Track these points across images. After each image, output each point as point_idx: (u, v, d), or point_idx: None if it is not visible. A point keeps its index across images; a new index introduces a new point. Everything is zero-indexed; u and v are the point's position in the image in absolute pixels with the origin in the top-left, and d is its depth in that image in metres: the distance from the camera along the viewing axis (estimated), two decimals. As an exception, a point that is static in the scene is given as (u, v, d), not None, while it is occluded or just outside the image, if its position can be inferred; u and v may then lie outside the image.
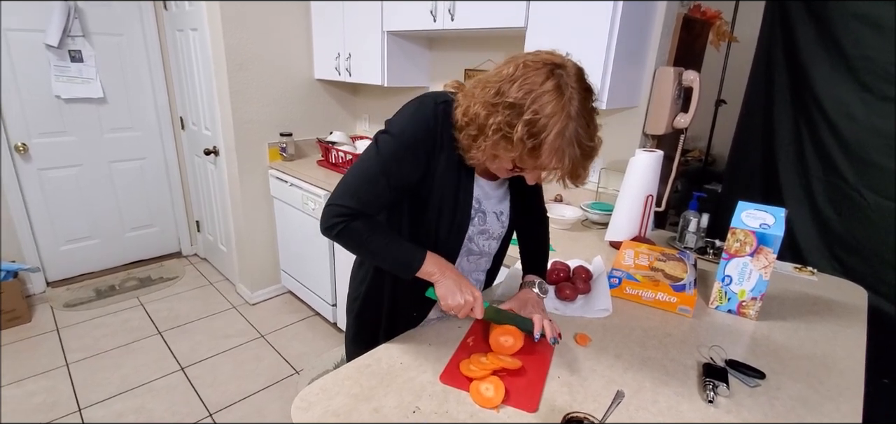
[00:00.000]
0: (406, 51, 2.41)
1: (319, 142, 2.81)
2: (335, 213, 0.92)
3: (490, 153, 0.84)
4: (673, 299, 1.20)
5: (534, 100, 0.77)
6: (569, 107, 0.77)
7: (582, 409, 0.82)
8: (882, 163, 1.49)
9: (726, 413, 0.86)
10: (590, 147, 0.81)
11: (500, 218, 1.07)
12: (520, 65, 0.80)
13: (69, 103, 2.94)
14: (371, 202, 0.93)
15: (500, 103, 0.79)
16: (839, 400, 0.91)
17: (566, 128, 0.77)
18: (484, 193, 1.02)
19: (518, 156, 0.81)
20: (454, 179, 0.96)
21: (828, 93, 1.60)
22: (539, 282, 1.12)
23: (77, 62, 2.91)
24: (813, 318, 1.21)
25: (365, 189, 0.92)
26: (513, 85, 0.79)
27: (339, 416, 0.80)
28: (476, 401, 0.85)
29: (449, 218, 0.98)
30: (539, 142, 0.78)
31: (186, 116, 3.26)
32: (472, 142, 0.86)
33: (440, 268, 0.96)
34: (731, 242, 1.18)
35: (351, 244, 0.95)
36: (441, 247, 1.01)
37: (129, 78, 3.12)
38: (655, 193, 1.60)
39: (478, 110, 0.83)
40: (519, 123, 0.77)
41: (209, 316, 2.89)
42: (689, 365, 0.99)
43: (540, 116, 0.76)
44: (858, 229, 1.57)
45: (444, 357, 0.97)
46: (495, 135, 0.80)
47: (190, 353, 2.52)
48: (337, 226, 0.92)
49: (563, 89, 0.77)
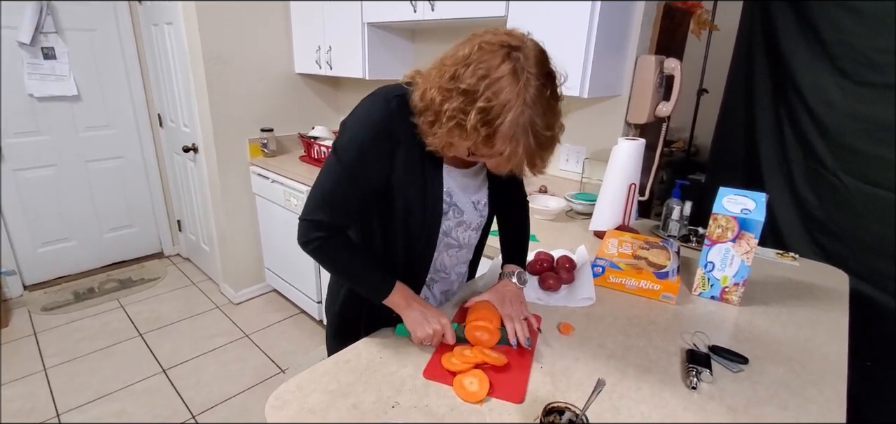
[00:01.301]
0: (387, 43, 2.38)
1: (301, 137, 2.76)
2: (312, 229, 0.91)
3: (445, 140, 0.81)
4: (656, 287, 1.19)
5: (488, 85, 0.73)
6: (524, 94, 0.73)
7: (564, 398, 0.81)
8: (859, 148, 1.50)
9: (709, 399, 0.85)
10: (547, 137, 0.78)
11: (478, 207, 1.04)
12: (476, 46, 0.76)
13: (43, 102, 2.85)
14: (342, 210, 0.91)
15: (455, 89, 0.76)
16: (822, 384, 0.91)
17: (521, 117, 0.73)
18: (458, 184, 0.99)
19: (472, 144, 0.78)
20: (419, 175, 0.92)
21: (807, 80, 1.60)
22: (518, 273, 1.10)
23: (50, 59, 2.83)
24: (795, 303, 1.21)
25: (334, 197, 0.90)
26: (468, 69, 0.75)
27: (315, 413, 0.78)
28: (460, 396, 0.83)
29: (420, 215, 0.95)
30: (493, 131, 0.74)
31: (164, 113, 3.18)
32: (428, 128, 0.83)
33: (406, 300, 0.94)
34: (712, 228, 1.17)
35: (325, 263, 0.95)
36: (416, 246, 0.98)
37: (104, 75, 3.03)
38: (638, 182, 1.60)
39: (433, 95, 0.79)
40: (472, 111, 0.74)
41: (192, 316, 2.84)
42: (672, 352, 0.98)
43: (494, 104, 0.73)
44: (838, 214, 1.58)
45: (426, 351, 0.95)
46: (450, 123, 0.77)
47: (172, 355, 2.47)
48: (313, 243, 0.92)
49: (518, 74, 0.73)
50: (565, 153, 2.05)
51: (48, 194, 3.00)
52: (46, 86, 2.83)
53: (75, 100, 2.97)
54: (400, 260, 1.00)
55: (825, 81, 1.55)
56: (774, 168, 1.75)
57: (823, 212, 1.62)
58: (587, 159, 1.96)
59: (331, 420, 0.77)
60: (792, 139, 1.68)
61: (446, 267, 1.10)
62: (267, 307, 2.96)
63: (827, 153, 1.57)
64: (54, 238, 3.10)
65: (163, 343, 2.57)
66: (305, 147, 2.75)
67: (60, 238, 3.12)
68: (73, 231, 3.17)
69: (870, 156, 1.48)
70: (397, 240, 0.97)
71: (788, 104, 1.68)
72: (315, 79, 2.97)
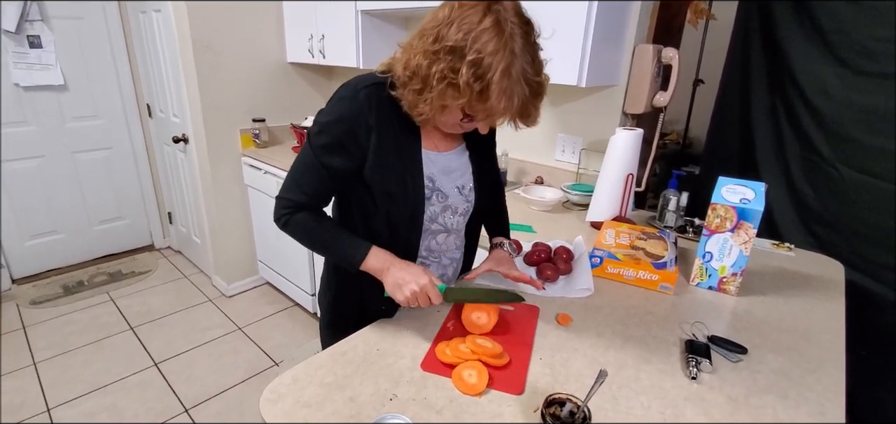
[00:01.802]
0: (381, 31, 2.34)
1: (294, 127, 2.73)
2: (282, 205, 0.94)
3: (438, 104, 0.81)
4: (654, 277, 1.18)
5: (474, 39, 0.74)
6: (512, 44, 0.74)
7: (563, 389, 0.80)
8: (857, 138, 1.50)
9: (710, 390, 0.84)
10: (537, 83, 0.79)
11: (463, 192, 1.03)
12: (455, 6, 0.77)
13: (29, 91, 2.79)
14: (315, 192, 0.93)
15: (441, 49, 0.76)
16: (820, 373, 0.90)
17: (512, 66, 0.75)
18: (439, 169, 0.98)
19: (467, 103, 0.79)
20: (396, 162, 0.92)
21: (804, 69, 1.60)
22: (507, 243, 1.16)
23: (36, 48, 2.76)
24: (792, 293, 1.21)
25: (306, 179, 0.92)
26: (450, 28, 0.76)
27: (311, 407, 0.76)
28: (459, 388, 0.81)
29: (401, 202, 0.94)
30: (486, 84, 0.75)
31: (153, 103, 3.13)
32: (417, 97, 0.82)
33: (383, 263, 0.92)
34: (711, 218, 1.17)
35: (297, 235, 0.96)
36: (398, 233, 0.97)
37: (92, 64, 2.97)
38: (635, 172, 1.59)
39: (419, 61, 0.79)
40: (462, 66, 0.74)
41: (184, 309, 2.80)
42: (671, 342, 0.98)
43: (483, 55, 0.73)
44: (834, 204, 1.58)
45: (424, 342, 0.94)
46: (441, 84, 0.77)
47: (164, 348, 2.44)
48: (284, 217, 0.94)
49: (502, 25, 0.74)
50: (561, 144, 2.03)
51: (35, 186, 2.94)
52: (32, 75, 2.77)
53: (62, 89, 2.90)
54: (385, 246, 0.98)
55: (822, 71, 1.54)
56: (770, 158, 1.74)
57: (819, 203, 1.62)
58: (584, 150, 1.94)
59: (327, 413, 0.75)
60: (788, 129, 1.68)
61: (437, 251, 1.08)
62: (260, 300, 2.93)
63: (824, 143, 1.57)
64: (42, 230, 3.04)
65: (154, 336, 2.54)
66: (298, 137, 2.71)
67: (48, 230, 3.07)
68: (61, 223, 3.11)
69: (867, 146, 1.48)
70: (381, 230, 0.97)
71: (785, 94, 1.67)
72: (308, 68, 2.93)
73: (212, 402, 2.10)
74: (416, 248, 1.02)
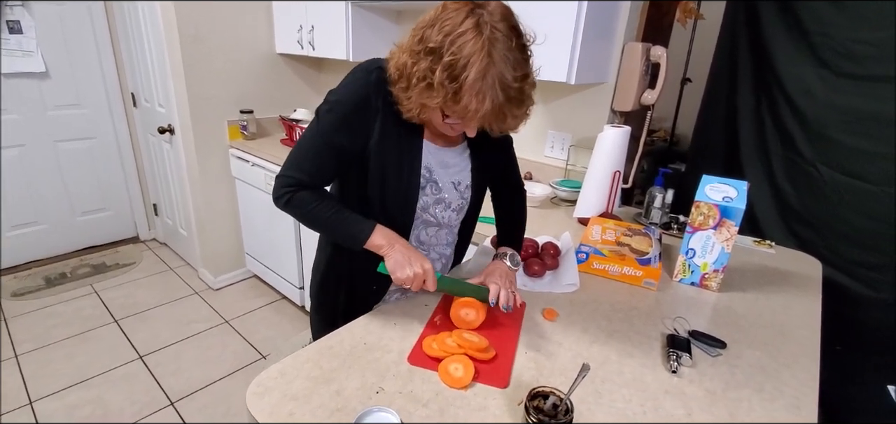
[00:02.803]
0: (372, 24, 2.33)
1: (282, 119, 2.70)
2: (283, 184, 0.93)
3: (418, 102, 0.82)
4: (638, 273, 1.20)
5: (452, 41, 0.75)
6: (488, 47, 0.74)
7: (548, 383, 0.81)
8: (837, 139, 1.53)
9: (689, 383, 0.87)
10: (516, 89, 0.78)
11: (459, 188, 1.03)
12: (441, 7, 0.78)
13: (8, 78, 2.72)
14: (316, 172, 0.93)
15: (422, 49, 0.78)
16: (796, 367, 0.93)
17: (488, 70, 0.74)
18: (438, 161, 0.99)
19: (442, 102, 0.79)
20: (396, 147, 0.93)
21: (788, 70, 1.63)
22: (511, 254, 1.10)
23: (16, 34, 2.69)
24: (771, 289, 1.24)
25: (309, 159, 0.93)
26: (433, 28, 0.77)
27: (298, 400, 0.77)
28: (445, 382, 0.82)
29: (394, 187, 0.96)
30: (459, 85, 0.75)
31: (138, 92, 3.07)
32: (402, 95, 0.84)
33: (389, 241, 0.94)
34: (694, 215, 1.19)
35: (299, 214, 0.96)
36: (391, 217, 0.98)
37: (74, 51, 2.90)
38: (623, 169, 1.61)
39: (405, 59, 0.81)
40: (438, 68, 0.75)
41: (170, 302, 2.78)
42: (653, 337, 1.00)
43: (458, 57, 0.74)
44: (814, 203, 1.62)
45: (411, 336, 0.95)
46: (420, 84, 0.79)
47: (150, 341, 2.41)
48: (285, 196, 0.93)
49: (482, 28, 0.74)
50: (550, 140, 2.05)
51: (16, 175, 2.88)
52: (12, 62, 2.70)
53: (43, 76, 2.84)
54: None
55: (806, 72, 1.57)
56: (754, 157, 1.78)
57: (799, 202, 1.65)
58: (572, 146, 1.96)
59: (313, 406, 0.76)
60: (772, 129, 1.71)
61: (424, 245, 1.09)
62: (247, 293, 2.92)
63: (805, 143, 1.60)
64: (24, 221, 2.98)
65: (139, 329, 2.51)
66: (287, 130, 2.69)
67: (30, 221, 3.01)
68: (43, 214, 3.05)
69: (847, 147, 1.51)
70: (374, 211, 0.98)
71: (769, 94, 1.70)
72: (297, 59, 2.90)
73: (198, 395, 2.08)
74: (407, 235, 1.03)
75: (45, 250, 3.12)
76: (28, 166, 2.91)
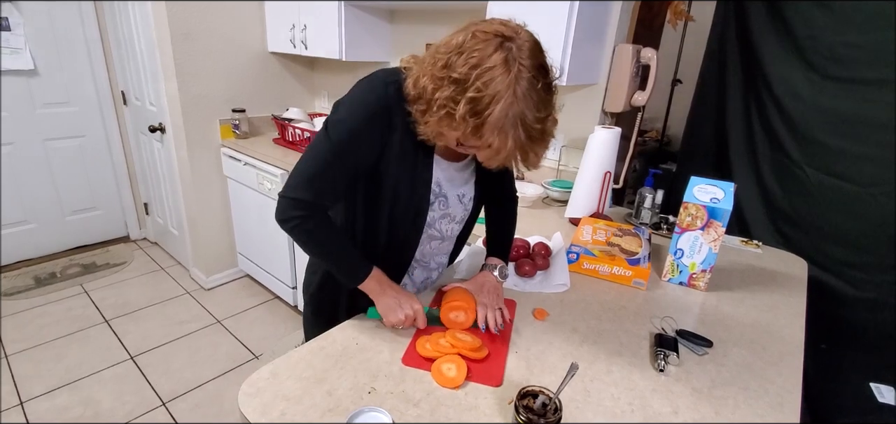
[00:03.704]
0: (365, 23, 2.33)
1: (275, 118, 2.69)
2: (292, 207, 0.88)
3: (435, 129, 0.80)
4: (628, 273, 1.22)
5: (479, 76, 0.71)
6: (515, 86, 0.71)
7: (538, 382, 0.82)
8: (824, 141, 1.56)
9: (676, 381, 0.88)
10: (538, 130, 0.76)
11: (463, 201, 1.04)
12: (470, 34, 0.75)
13: (-5, 76, 2.69)
14: (327, 191, 0.89)
15: (446, 77, 0.74)
16: (781, 365, 0.95)
17: (510, 108, 0.72)
18: (447, 176, 0.98)
19: (461, 135, 0.77)
20: (410, 163, 0.91)
21: (776, 73, 1.65)
22: (500, 267, 1.09)
23: (4, 31, 2.66)
24: (757, 288, 1.27)
25: (319, 177, 0.88)
26: (460, 57, 0.73)
27: (290, 400, 0.77)
28: (438, 382, 0.83)
29: (405, 203, 0.94)
30: (481, 122, 0.73)
31: (128, 90, 3.05)
32: (421, 117, 0.82)
33: (381, 286, 0.95)
34: (683, 216, 1.21)
35: (303, 242, 0.93)
36: (398, 232, 0.98)
37: (63, 48, 2.87)
38: (613, 170, 1.63)
39: (426, 83, 0.78)
40: (462, 100, 0.73)
41: (161, 302, 2.76)
42: (642, 336, 1.01)
43: (484, 94, 0.71)
44: (800, 204, 1.65)
45: (403, 337, 0.95)
46: (440, 112, 0.76)
47: (141, 341, 2.40)
48: (292, 221, 0.89)
49: (510, 65, 0.72)
50: (542, 140, 2.06)
51: (4, 174, 2.85)
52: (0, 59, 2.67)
53: (32, 74, 2.81)
54: (382, 244, 0.99)
55: (794, 75, 1.60)
56: (743, 158, 1.80)
57: (787, 203, 1.68)
58: (564, 147, 1.97)
59: (305, 407, 0.76)
60: (760, 131, 1.73)
61: (426, 257, 1.10)
62: (240, 292, 2.91)
63: (793, 145, 1.63)
64: (12, 220, 2.95)
65: (130, 329, 2.49)
66: (279, 129, 2.68)
67: (19, 220, 2.98)
68: (32, 213, 3.02)
69: (833, 149, 1.54)
70: (381, 225, 0.97)
71: (758, 96, 1.73)
72: (289, 58, 2.89)
73: (190, 395, 2.08)
74: (413, 249, 1.03)
75: (34, 249, 3.09)
76: (17, 165, 2.88)
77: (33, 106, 2.86)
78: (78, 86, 2.99)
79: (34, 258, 3.10)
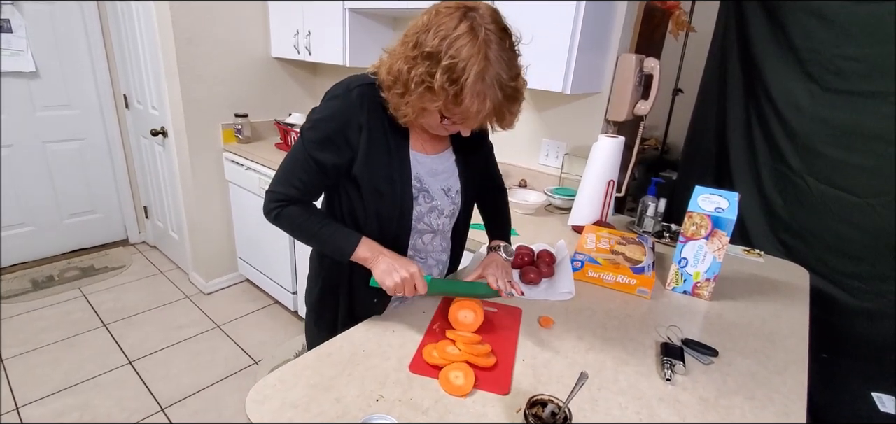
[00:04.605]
0: (369, 29, 2.34)
1: (277, 123, 2.70)
2: (272, 199, 0.96)
3: (417, 106, 0.84)
4: (632, 281, 1.22)
5: (449, 45, 0.77)
6: (485, 49, 0.77)
7: (545, 390, 0.82)
8: (825, 152, 1.57)
9: (683, 390, 0.88)
10: (512, 88, 0.81)
11: (450, 194, 1.06)
12: (432, 12, 0.81)
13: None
14: (301, 188, 0.95)
15: (419, 54, 0.80)
16: (785, 374, 0.95)
17: (485, 71, 0.77)
18: (426, 170, 1.01)
19: (443, 105, 0.82)
20: (385, 160, 0.95)
21: (777, 84, 1.66)
22: (505, 246, 1.15)
23: (6, 33, 2.66)
24: (760, 298, 1.27)
25: (294, 175, 0.95)
26: (428, 33, 0.79)
27: (298, 408, 0.77)
28: (445, 389, 0.83)
29: (390, 200, 0.97)
30: (460, 88, 0.78)
31: (130, 94, 3.05)
32: (399, 100, 0.86)
33: (373, 253, 0.96)
34: (687, 225, 1.21)
35: (287, 228, 0.98)
36: (387, 230, 0.99)
37: (65, 51, 2.87)
38: (617, 178, 1.63)
39: (400, 66, 0.83)
40: (437, 71, 0.78)
41: (160, 306, 2.75)
42: (647, 345, 1.02)
43: (457, 60, 0.76)
44: (801, 214, 1.66)
45: (410, 342, 0.95)
46: (419, 88, 0.81)
47: (139, 346, 2.39)
48: (274, 210, 0.96)
49: (476, 30, 0.77)
50: (545, 148, 2.07)
51: (3, 176, 2.84)
52: (1, 61, 2.66)
53: (33, 76, 2.81)
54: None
55: (794, 86, 1.61)
56: (744, 168, 1.81)
57: (788, 212, 1.69)
58: (567, 155, 1.98)
59: (314, 414, 0.76)
60: (761, 141, 1.75)
61: (420, 252, 1.11)
62: (239, 297, 2.89)
63: (794, 155, 1.64)
64: (10, 222, 2.94)
65: (129, 333, 2.48)
66: (281, 134, 2.69)
67: (17, 223, 2.96)
68: (30, 215, 3.01)
69: (833, 160, 1.55)
70: (370, 225, 0.99)
71: (759, 107, 1.74)
72: (293, 64, 2.90)
73: (188, 401, 2.06)
74: (405, 247, 1.04)
75: (32, 252, 3.07)
76: (15, 167, 2.87)
77: (34, 108, 2.86)
78: (79, 89, 2.99)
79: (32, 261, 3.09)
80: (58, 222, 3.13)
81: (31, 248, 3.07)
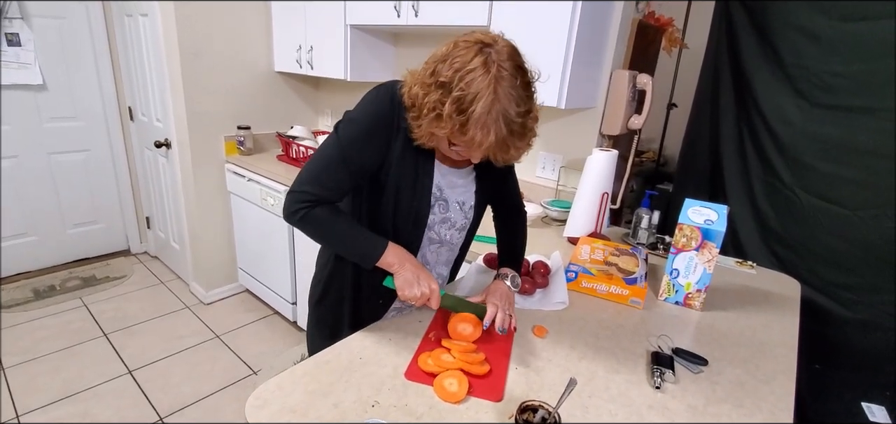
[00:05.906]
0: (370, 45, 2.39)
1: (279, 136, 2.74)
2: (298, 200, 0.95)
3: (427, 131, 0.87)
4: (625, 292, 1.25)
5: (462, 77, 0.80)
6: (495, 85, 0.79)
7: (538, 397, 0.84)
8: (814, 165, 1.60)
9: (672, 399, 0.90)
10: (519, 124, 0.83)
11: (463, 208, 1.08)
12: (452, 45, 0.84)
13: (5, 90, 2.73)
14: (332, 188, 0.95)
15: (434, 82, 0.83)
16: (774, 384, 0.98)
17: (492, 105, 0.79)
18: (447, 182, 1.04)
19: (449, 132, 0.84)
20: (412, 166, 0.97)
21: (767, 100, 1.70)
22: (512, 276, 1.14)
23: (14, 46, 2.72)
24: (751, 308, 1.29)
25: (326, 175, 0.95)
26: (445, 64, 0.82)
27: (296, 413, 0.79)
28: (440, 396, 0.85)
29: (407, 205, 0.99)
30: (466, 118, 0.80)
31: (135, 106, 3.10)
32: (414, 122, 0.89)
33: (400, 259, 0.97)
34: (678, 237, 1.24)
35: (313, 231, 0.98)
36: (400, 235, 1.02)
37: (72, 64, 2.93)
38: (611, 191, 1.67)
39: (417, 91, 0.86)
40: (448, 101, 0.81)
41: (160, 316, 2.76)
42: (638, 354, 1.04)
43: (466, 93, 0.79)
44: (793, 226, 1.68)
45: (406, 350, 0.98)
46: (430, 114, 0.84)
47: (139, 355, 2.40)
48: (299, 212, 0.95)
49: (489, 66, 0.80)
50: (542, 161, 2.11)
51: (8, 186, 2.87)
52: (9, 73, 2.72)
53: (40, 89, 2.86)
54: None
55: (784, 102, 1.65)
56: (736, 181, 1.85)
57: (779, 224, 1.72)
58: (563, 167, 2.02)
59: (312, 418, 0.78)
60: (753, 154, 1.78)
61: (427, 263, 1.13)
62: (239, 307, 2.91)
63: (784, 169, 1.68)
64: (13, 232, 2.97)
65: (129, 343, 2.50)
66: (283, 146, 2.73)
67: (20, 232, 3.00)
68: (33, 225, 3.04)
69: (823, 174, 1.59)
70: (386, 228, 1.01)
71: (750, 121, 1.78)
72: (295, 78, 2.95)
73: (188, 411, 2.07)
74: (416, 252, 1.06)
75: (34, 262, 3.10)
76: (20, 177, 2.91)
77: (40, 120, 2.90)
78: (85, 102, 3.04)
79: (34, 270, 3.11)
80: (61, 232, 3.16)
81: (34, 258, 3.09)
